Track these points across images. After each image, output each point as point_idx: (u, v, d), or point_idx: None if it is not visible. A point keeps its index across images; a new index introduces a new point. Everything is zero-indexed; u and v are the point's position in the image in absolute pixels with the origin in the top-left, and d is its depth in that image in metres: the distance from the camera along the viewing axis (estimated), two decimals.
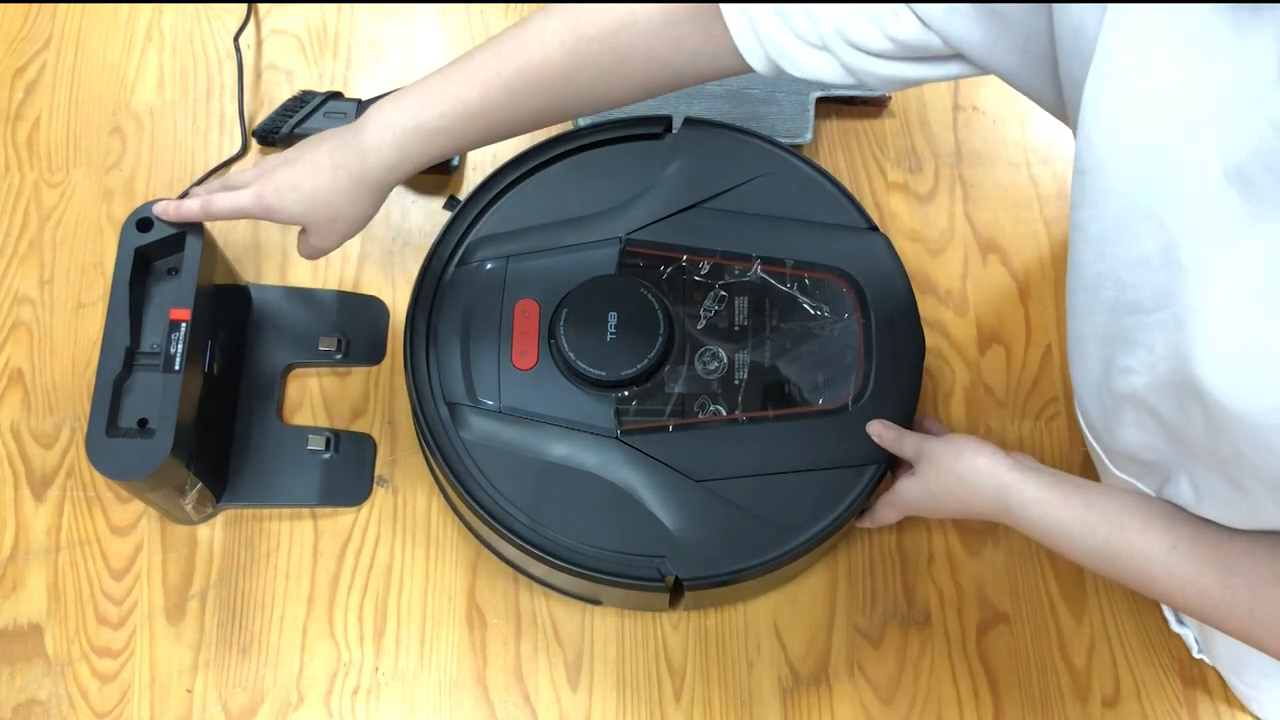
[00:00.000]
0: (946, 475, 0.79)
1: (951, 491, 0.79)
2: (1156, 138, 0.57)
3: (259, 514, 0.93)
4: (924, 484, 0.81)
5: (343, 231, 0.83)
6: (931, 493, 0.81)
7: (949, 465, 0.79)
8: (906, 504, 0.83)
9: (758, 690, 0.89)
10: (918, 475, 0.81)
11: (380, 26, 1.09)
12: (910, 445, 0.83)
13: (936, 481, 0.80)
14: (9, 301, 0.99)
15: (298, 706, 0.88)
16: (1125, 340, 0.65)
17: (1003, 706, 0.89)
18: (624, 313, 0.88)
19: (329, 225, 0.82)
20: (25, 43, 1.07)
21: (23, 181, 1.03)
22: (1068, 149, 1.05)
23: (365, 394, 0.97)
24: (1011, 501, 0.75)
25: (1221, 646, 0.85)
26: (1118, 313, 0.64)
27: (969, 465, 0.77)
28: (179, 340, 0.83)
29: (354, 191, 0.80)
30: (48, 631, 0.90)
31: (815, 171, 0.95)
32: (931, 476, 0.80)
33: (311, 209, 0.80)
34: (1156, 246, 0.59)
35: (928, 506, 0.82)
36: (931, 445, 0.81)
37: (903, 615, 0.91)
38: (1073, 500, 0.73)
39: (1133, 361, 0.65)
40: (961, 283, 1.01)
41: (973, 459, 0.77)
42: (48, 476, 0.94)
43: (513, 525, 0.84)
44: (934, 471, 0.80)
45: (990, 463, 0.77)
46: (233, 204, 0.81)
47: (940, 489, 0.80)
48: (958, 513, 0.81)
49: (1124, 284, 0.63)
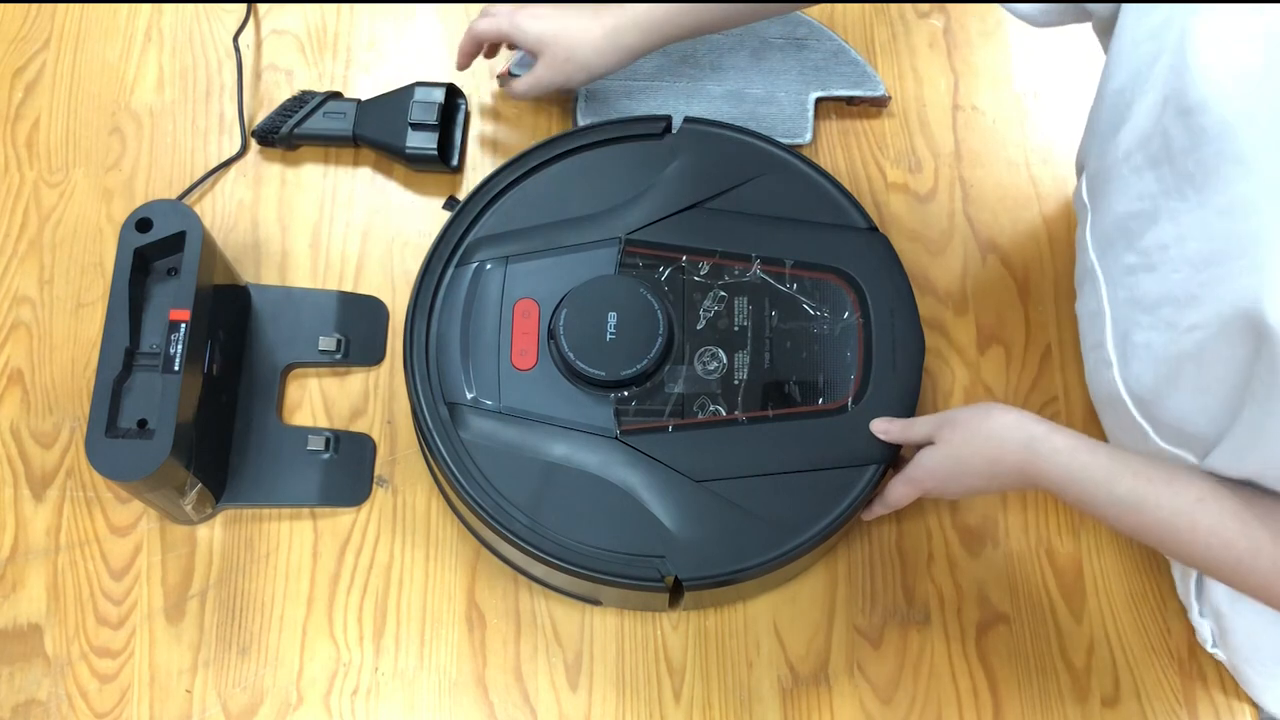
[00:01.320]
0: (974, 435, 0.79)
1: (979, 451, 0.78)
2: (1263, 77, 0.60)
3: (259, 514, 0.93)
4: (949, 448, 0.80)
5: (568, 74, 0.92)
6: (958, 455, 0.80)
7: (977, 424, 0.79)
8: (928, 473, 0.82)
9: (757, 690, 0.89)
10: (940, 443, 0.81)
11: (380, 26, 1.09)
12: (923, 424, 0.83)
13: (965, 444, 0.79)
14: (9, 301, 0.99)
15: (297, 706, 0.88)
16: (1195, 297, 0.67)
17: (1003, 706, 0.89)
18: (624, 313, 0.88)
19: (560, 62, 0.91)
20: (25, 43, 1.07)
21: (23, 181, 1.03)
22: (1068, 149, 1.05)
23: (365, 394, 0.97)
24: (1041, 449, 0.75)
25: (1242, 636, 0.85)
26: (1196, 267, 0.67)
27: (998, 421, 0.78)
28: (179, 340, 0.83)
29: (601, 41, 0.91)
30: (47, 631, 0.90)
31: (815, 171, 0.95)
32: (958, 439, 0.80)
33: (556, 38, 0.91)
34: (1245, 192, 0.61)
35: (950, 473, 0.81)
36: (953, 412, 0.81)
37: (903, 615, 0.91)
38: (1099, 450, 0.74)
39: (1197, 317, 0.67)
40: (961, 283, 1.01)
41: (1001, 415, 0.78)
42: (47, 476, 0.94)
43: (512, 525, 0.84)
44: (961, 433, 0.80)
45: (1018, 417, 0.77)
46: (491, 23, 0.94)
47: (968, 450, 0.79)
48: (981, 475, 0.79)
49: (1212, 234, 0.64)
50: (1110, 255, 0.81)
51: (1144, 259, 0.75)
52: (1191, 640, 0.91)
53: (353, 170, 1.04)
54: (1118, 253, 0.79)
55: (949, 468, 0.81)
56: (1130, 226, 0.77)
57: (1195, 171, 0.68)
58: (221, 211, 1.02)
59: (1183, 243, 0.70)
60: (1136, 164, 0.75)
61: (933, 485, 0.83)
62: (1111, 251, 0.81)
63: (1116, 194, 0.78)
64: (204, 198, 1.02)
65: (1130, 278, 0.77)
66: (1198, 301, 0.68)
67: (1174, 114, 0.68)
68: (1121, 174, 0.77)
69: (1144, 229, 0.74)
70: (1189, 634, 0.91)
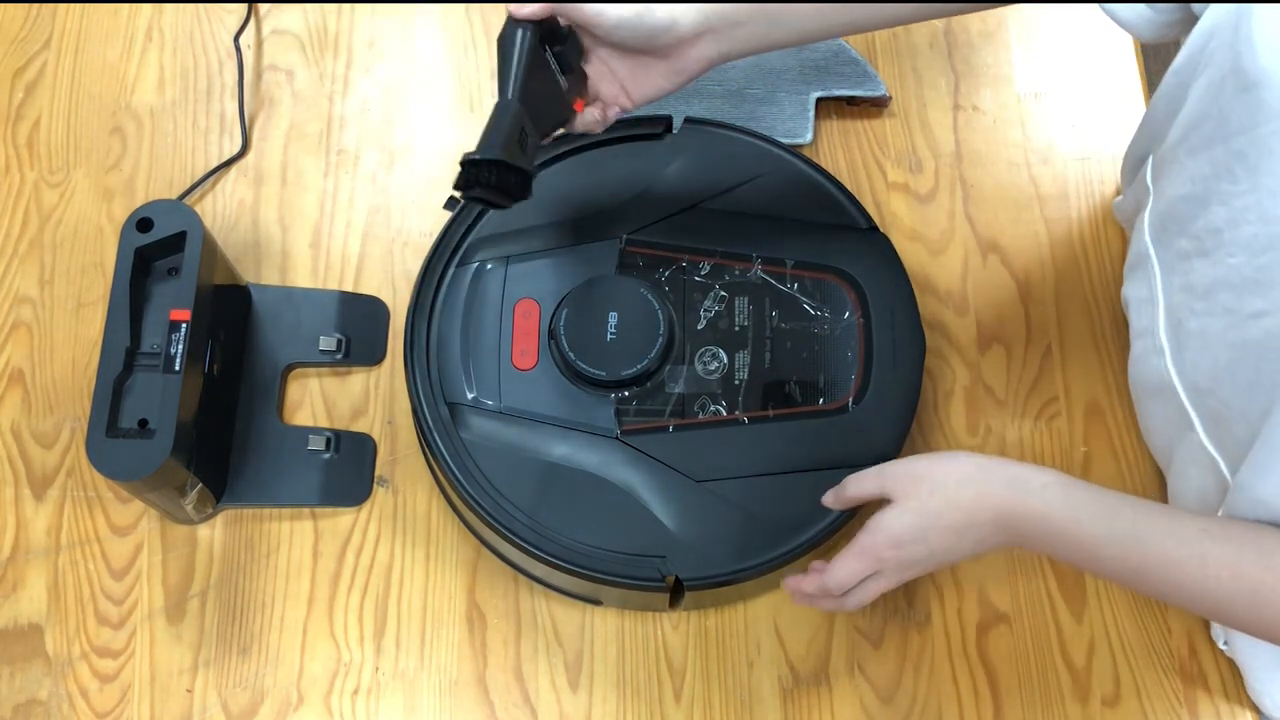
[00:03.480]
0: (943, 483, 0.70)
1: (952, 500, 0.69)
2: None
3: (259, 514, 0.93)
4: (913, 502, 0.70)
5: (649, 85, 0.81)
6: (924, 508, 0.70)
7: (944, 470, 0.70)
8: (888, 539, 0.71)
9: (758, 690, 0.89)
10: (899, 499, 0.71)
11: (380, 26, 1.09)
12: (871, 478, 0.74)
13: (932, 494, 0.70)
14: (9, 301, 0.99)
15: (298, 706, 0.88)
16: (1257, 282, 0.65)
17: (1003, 706, 0.89)
18: (624, 313, 0.88)
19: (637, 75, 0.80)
20: (25, 43, 1.07)
21: (23, 181, 1.03)
22: (1068, 149, 1.05)
23: (365, 394, 0.97)
24: (1029, 487, 0.68)
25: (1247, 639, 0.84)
26: (1253, 251, 0.65)
27: (968, 463, 0.71)
28: (179, 340, 0.83)
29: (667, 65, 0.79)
30: (48, 631, 0.90)
31: (815, 171, 0.95)
32: (924, 490, 0.70)
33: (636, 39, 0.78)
34: None
35: (915, 533, 0.70)
36: (904, 462, 0.72)
37: (903, 615, 0.91)
38: (1090, 486, 0.69)
39: (1263, 303, 0.65)
40: (961, 283, 1.01)
41: (969, 457, 0.71)
42: (48, 476, 0.94)
43: (513, 525, 0.84)
44: (925, 484, 0.70)
45: (989, 458, 0.71)
46: (580, 11, 0.77)
47: (937, 501, 0.70)
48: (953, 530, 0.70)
49: (1269, 217, 0.63)
50: (1164, 240, 0.80)
51: (1197, 243, 0.73)
52: (1192, 640, 0.91)
53: (353, 170, 1.04)
54: (1171, 238, 0.78)
55: (913, 525, 0.70)
56: (1182, 210, 0.75)
57: (1248, 150, 0.65)
58: (222, 211, 1.02)
59: (1236, 226, 0.67)
60: (1191, 146, 0.73)
61: (891, 555, 0.71)
62: (1165, 236, 0.79)
63: (1170, 178, 0.77)
64: (204, 198, 1.02)
65: (1184, 263, 0.75)
66: (1260, 286, 0.65)
67: (1232, 92, 0.66)
68: (1178, 156, 0.76)
69: (1195, 213, 0.72)
70: (1189, 634, 0.91)
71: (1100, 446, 0.96)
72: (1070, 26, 1.10)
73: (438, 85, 1.07)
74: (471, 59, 1.08)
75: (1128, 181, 0.95)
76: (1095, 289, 1.01)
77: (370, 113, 1.06)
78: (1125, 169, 0.95)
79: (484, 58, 1.08)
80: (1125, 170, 0.95)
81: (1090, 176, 1.05)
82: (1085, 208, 1.04)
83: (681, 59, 0.79)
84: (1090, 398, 0.97)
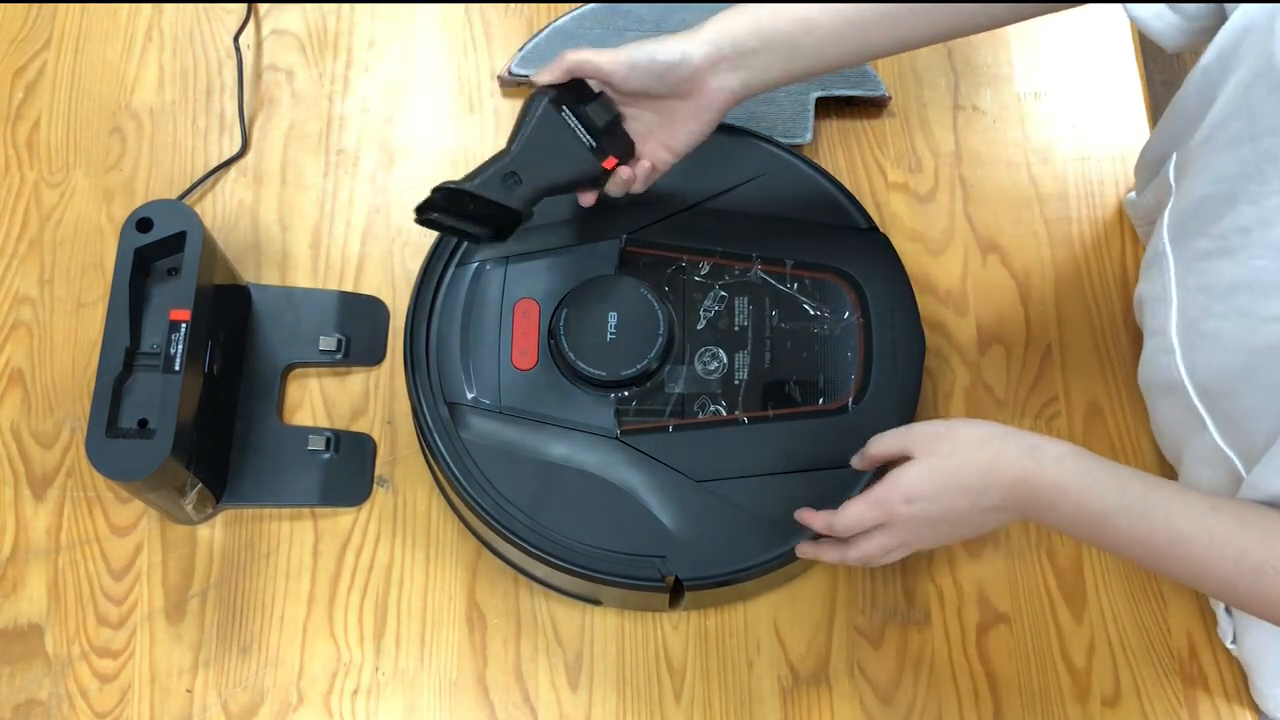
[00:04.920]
0: (964, 443, 0.70)
1: (971, 460, 0.70)
2: None
3: (259, 514, 0.93)
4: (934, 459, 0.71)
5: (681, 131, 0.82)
6: (944, 466, 0.70)
7: (965, 432, 0.71)
8: (902, 492, 0.71)
9: (758, 690, 0.89)
10: (920, 455, 0.71)
11: (380, 26, 1.09)
12: (895, 436, 0.75)
13: (953, 453, 0.70)
14: (9, 301, 0.99)
15: (298, 706, 0.88)
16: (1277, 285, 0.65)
17: (1003, 706, 0.89)
18: (624, 313, 0.88)
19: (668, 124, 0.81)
20: (25, 43, 1.07)
21: (23, 181, 1.03)
22: (1068, 149, 1.05)
23: (365, 394, 0.97)
24: (1045, 456, 0.69)
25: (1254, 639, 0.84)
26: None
27: (989, 428, 0.71)
28: (179, 340, 0.83)
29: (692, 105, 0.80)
30: (48, 631, 0.90)
31: (815, 171, 0.95)
32: (945, 449, 0.71)
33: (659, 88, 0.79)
34: None
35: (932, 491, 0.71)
36: (929, 423, 0.74)
37: (903, 615, 0.91)
38: (1101, 458, 0.69)
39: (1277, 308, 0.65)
40: (961, 283, 1.01)
41: (989, 424, 0.72)
42: (48, 476, 0.94)
43: (513, 525, 0.84)
44: (947, 444, 0.71)
45: (1008, 427, 0.72)
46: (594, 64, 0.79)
47: (956, 460, 0.70)
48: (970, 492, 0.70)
49: None
50: (1183, 240, 0.79)
51: (1220, 244, 0.72)
52: (1192, 641, 0.91)
53: (353, 170, 1.04)
54: (1190, 237, 0.77)
55: (930, 481, 0.71)
56: (1205, 210, 0.74)
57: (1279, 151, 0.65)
58: (222, 211, 1.02)
59: (1267, 227, 0.67)
60: (1218, 145, 0.73)
61: (904, 510, 0.72)
62: (1184, 236, 0.79)
63: (1194, 177, 0.76)
64: (204, 198, 1.02)
65: (1203, 263, 0.74)
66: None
67: (1263, 91, 0.66)
68: (1204, 154, 0.75)
69: (1221, 213, 0.72)
70: (1189, 634, 0.91)
71: (1100, 446, 0.96)
72: (1070, 27, 1.10)
73: (438, 85, 1.07)
74: (471, 59, 1.08)
75: (1146, 179, 0.94)
76: (1095, 289, 1.01)
77: (370, 113, 1.06)
78: (1142, 166, 0.95)
79: (484, 58, 1.08)
80: (1142, 167, 0.95)
81: (1090, 176, 1.05)
82: (1085, 208, 1.04)
83: (703, 94, 0.79)
84: (1090, 398, 0.97)
